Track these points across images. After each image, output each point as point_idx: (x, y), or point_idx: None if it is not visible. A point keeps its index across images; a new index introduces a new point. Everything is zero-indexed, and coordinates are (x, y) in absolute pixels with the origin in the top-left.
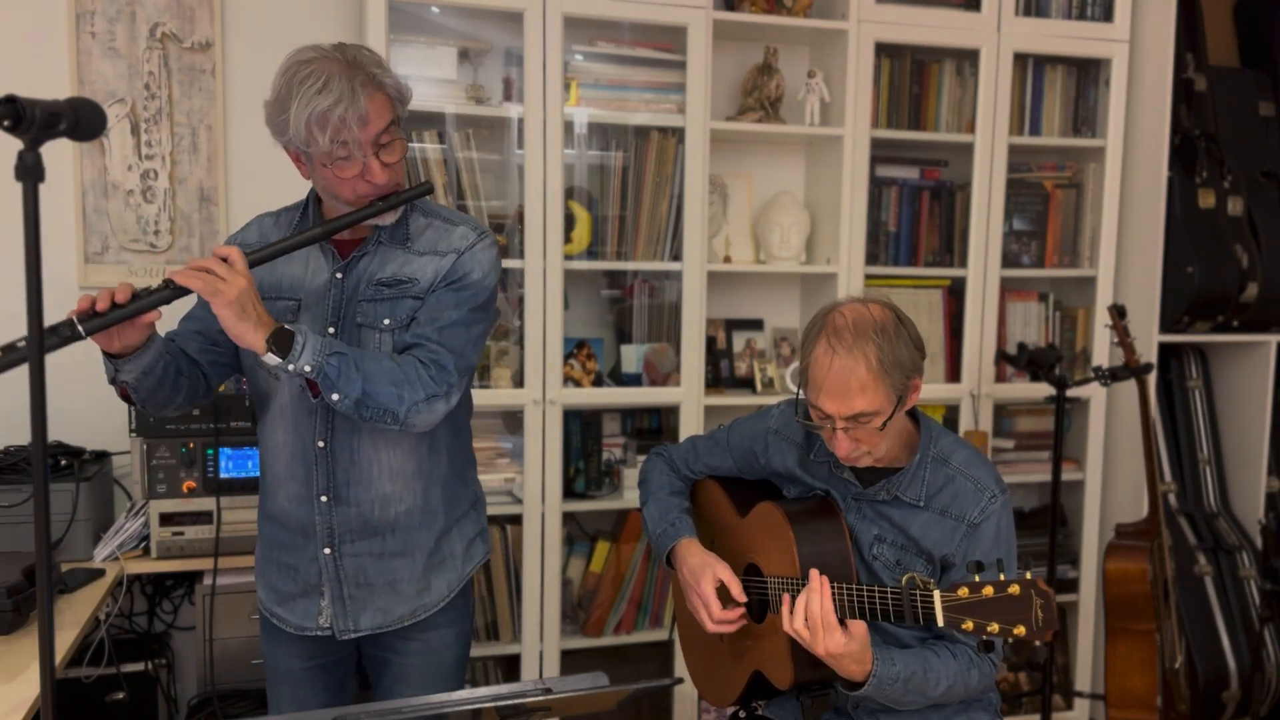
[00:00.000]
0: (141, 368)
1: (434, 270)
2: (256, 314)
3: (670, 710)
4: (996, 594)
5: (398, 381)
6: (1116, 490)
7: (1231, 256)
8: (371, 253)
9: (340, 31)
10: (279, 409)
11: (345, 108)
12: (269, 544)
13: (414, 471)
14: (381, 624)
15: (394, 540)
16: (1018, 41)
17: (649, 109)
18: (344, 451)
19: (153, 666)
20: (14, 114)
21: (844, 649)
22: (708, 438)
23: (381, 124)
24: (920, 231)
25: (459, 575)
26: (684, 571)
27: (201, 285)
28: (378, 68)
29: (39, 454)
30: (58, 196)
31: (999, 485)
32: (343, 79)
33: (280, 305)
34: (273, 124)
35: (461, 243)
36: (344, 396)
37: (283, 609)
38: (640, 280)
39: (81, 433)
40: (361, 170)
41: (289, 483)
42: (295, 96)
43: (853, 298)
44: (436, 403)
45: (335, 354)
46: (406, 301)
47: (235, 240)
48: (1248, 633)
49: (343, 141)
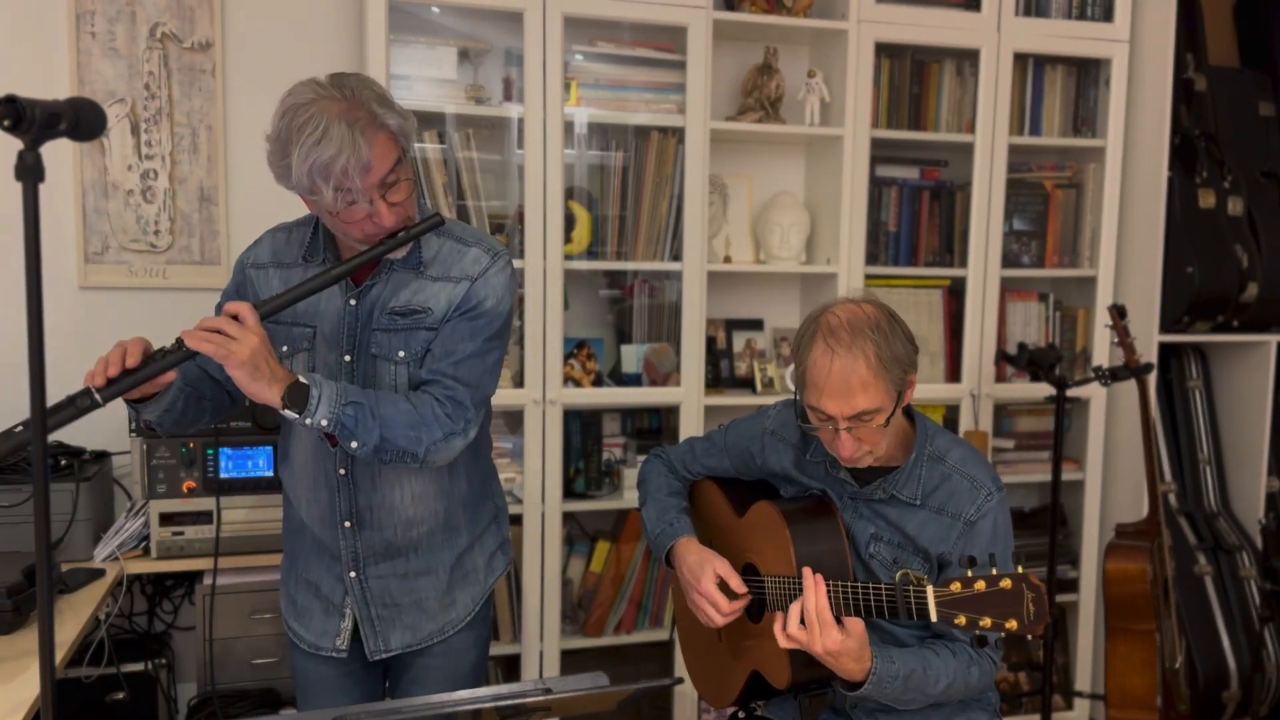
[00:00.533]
0: (162, 408)
1: (447, 299)
2: (270, 371)
3: (670, 710)
4: (988, 588)
5: (414, 424)
6: (1116, 490)
7: (1231, 256)
8: (384, 280)
9: (340, 32)
10: (298, 433)
11: (347, 158)
12: (293, 558)
13: (436, 493)
14: (411, 642)
15: (417, 560)
16: (1018, 41)
17: (649, 109)
18: (365, 479)
19: (153, 666)
20: (14, 114)
21: (841, 646)
22: (705, 439)
23: (385, 167)
24: (920, 231)
25: (482, 589)
26: (683, 570)
27: (213, 350)
28: (379, 105)
29: (39, 454)
30: (58, 196)
31: (995, 483)
32: (342, 124)
33: (297, 331)
34: (275, 168)
35: (474, 268)
36: (362, 445)
37: (299, 624)
38: (640, 280)
39: (81, 433)
40: (368, 214)
41: (313, 505)
42: (295, 144)
43: (843, 298)
44: (455, 439)
45: (351, 404)
46: (421, 333)
47: (247, 259)
48: (1248, 633)
49: (346, 189)
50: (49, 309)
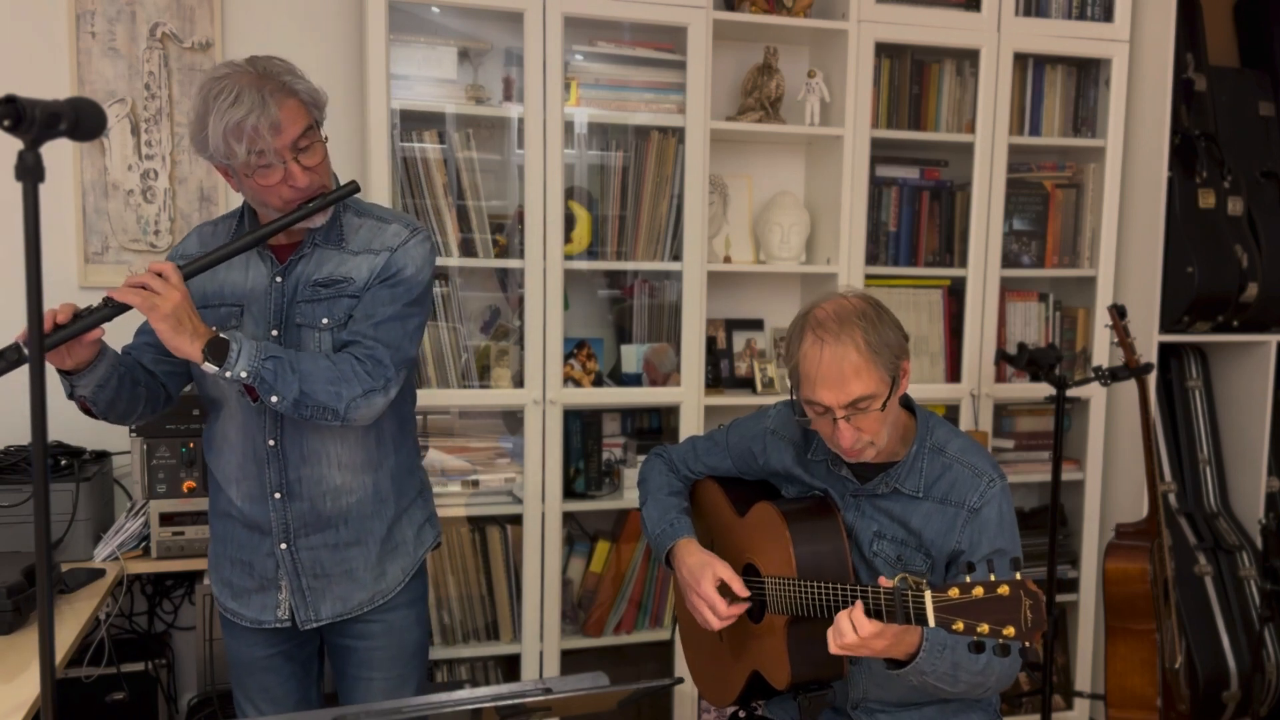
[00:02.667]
0: (96, 381)
1: (369, 268)
2: (192, 326)
3: (670, 710)
4: (986, 594)
5: (334, 379)
6: (1116, 490)
7: (1231, 256)
8: (308, 255)
9: (340, 31)
10: (229, 412)
11: (258, 116)
12: (222, 540)
13: (363, 463)
14: (341, 612)
15: (347, 531)
16: (1018, 41)
17: (649, 109)
18: (294, 448)
19: (153, 666)
20: (14, 114)
21: (892, 637)
22: (706, 438)
23: (296, 129)
24: (920, 231)
25: (412, 560)
26: (683, 571)
27: (139, 300)
28: (289, 75)
29: (39, 454)
30: (58, 196)
31: (996, 470)
32: (253, 90)
33: (224, 311)
34: (195, 141)
35: (394, 240)
36: (282, 398)
37: (238, 604)
38: (640, 280)
39: (81, 433)
40: (283, 176)
41: (241, 482)
42: (211, 111)
43: (829, 293)
44: (375, 397)
45: (270, 358)
46: (343, 300)
47: (177, 251)
48: (1248, 633)
49: (259, 151)
50: (49, 309)
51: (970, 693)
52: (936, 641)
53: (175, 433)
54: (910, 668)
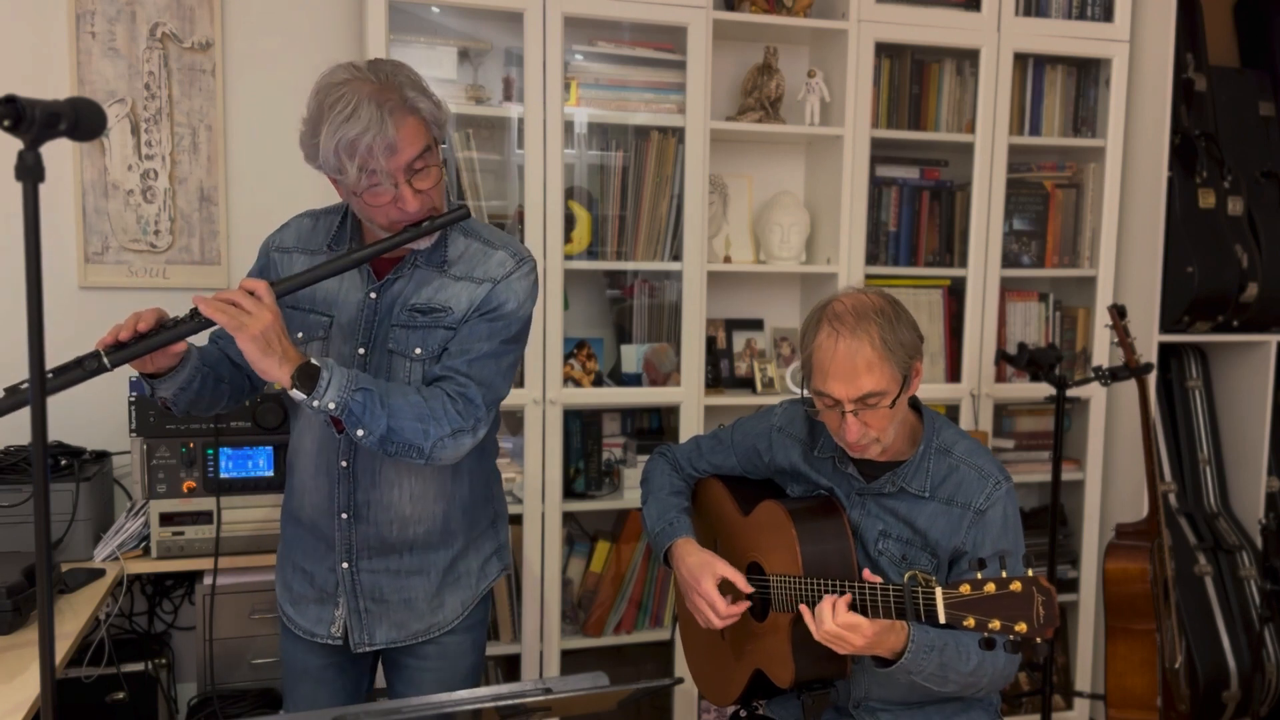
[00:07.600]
0: (177, 385)
1: (469, 299)
2: (282, 349)
3: (670, 710)
4: (998, 591)
5: (423, 417)
6: (1116, 490)
7: (1231, 256)
8: (407, 275)
9: (340, 31)
10: (306, 422)
11: (373, 136)
12: (290, 544)
13: (435, 495)
14: (396, 639)
15: (410, 559)
16: (1018, 41)
17: (649, 109)
18: (366, 474)
19: (153, 666)
20: (14, 114)
21: (875, 633)
22: (711, 437)
23: (413, 151)
24: (920, 231)
25: (473, 593)
26: (682, 571)
27: (226, 320)
28: (413, 89)
29: (39, 454)
30: (58, 196)
31: (1002, 472)
32: (372, 104)
33: (313, 318)
34: (305, 147)
35: (499, 270)
36: (369, 433)
37: (294, 610)
38: (640, 280)
39: (81, 433)
40: (393, 198)
41: (313, 493)
42: (325, 122)
43: (849, 288)
44: (463, 437)
45: (361, 389)
46: (439, 331)
47: (273, 242)
48: (1248, 633)
49: (371, 170)
50: (49, 309)
51: (963, 692)
52: (924, 643)
53: (175, 433)
54: (896, 667)
